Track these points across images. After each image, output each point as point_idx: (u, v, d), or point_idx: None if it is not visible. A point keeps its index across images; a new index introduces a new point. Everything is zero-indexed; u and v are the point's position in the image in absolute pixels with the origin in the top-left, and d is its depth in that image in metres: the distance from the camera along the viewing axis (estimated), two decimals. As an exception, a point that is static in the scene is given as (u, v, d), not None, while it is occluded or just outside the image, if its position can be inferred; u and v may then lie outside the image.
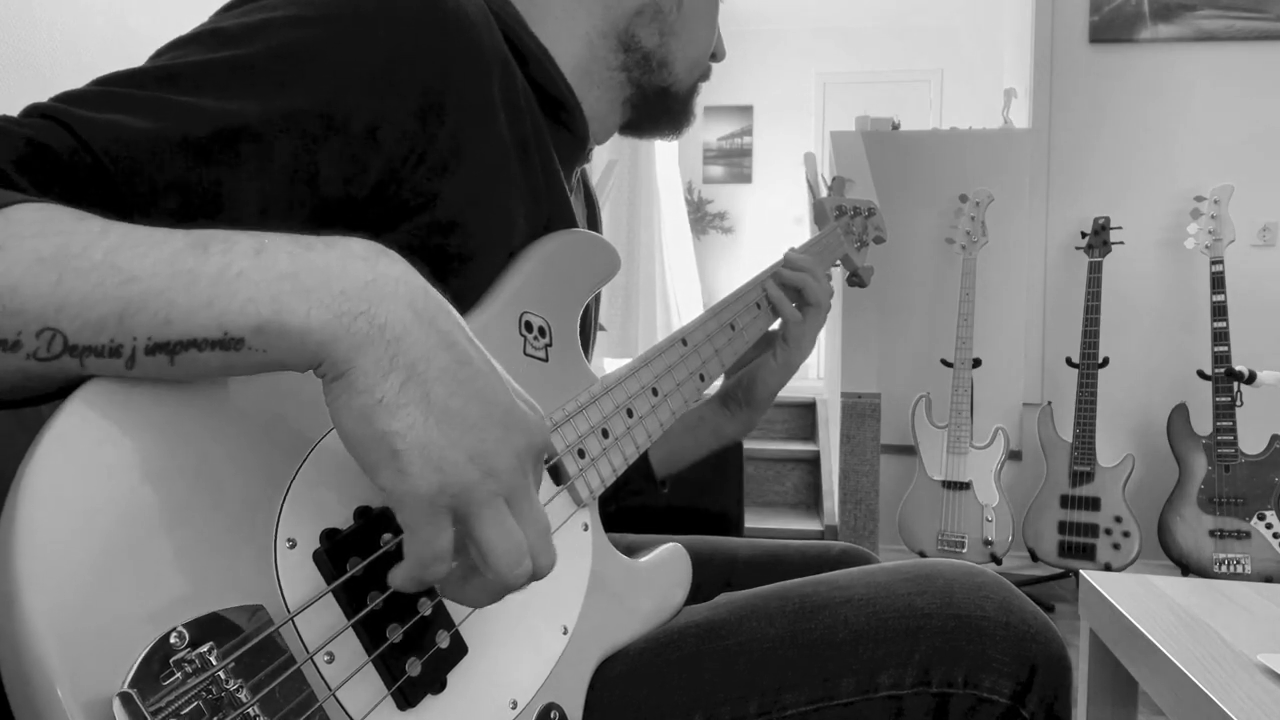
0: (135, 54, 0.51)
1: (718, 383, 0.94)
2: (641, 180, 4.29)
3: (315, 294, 0.38)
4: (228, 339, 0.37)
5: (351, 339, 0.38)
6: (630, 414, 0.68)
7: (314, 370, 0.39)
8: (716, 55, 0.81)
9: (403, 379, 0.39)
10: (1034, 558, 2.73)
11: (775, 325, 0.93)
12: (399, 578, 0.42)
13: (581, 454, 0.62)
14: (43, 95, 0.46)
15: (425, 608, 0.47)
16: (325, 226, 0.52)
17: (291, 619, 0.41)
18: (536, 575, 0.44)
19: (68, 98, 0.46)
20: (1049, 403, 2.81)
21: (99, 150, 0.44)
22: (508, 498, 0.42)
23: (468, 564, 0.43)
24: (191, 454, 0.39)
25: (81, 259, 0.37)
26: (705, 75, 0.81)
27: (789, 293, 0.90)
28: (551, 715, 0.55)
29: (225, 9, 0.55)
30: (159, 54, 0.51)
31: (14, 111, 0.46)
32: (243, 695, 0.37)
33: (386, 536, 0.46)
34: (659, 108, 0.78)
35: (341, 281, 0.39)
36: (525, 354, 0.61)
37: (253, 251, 0.39)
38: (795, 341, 0.89)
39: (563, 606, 0.59)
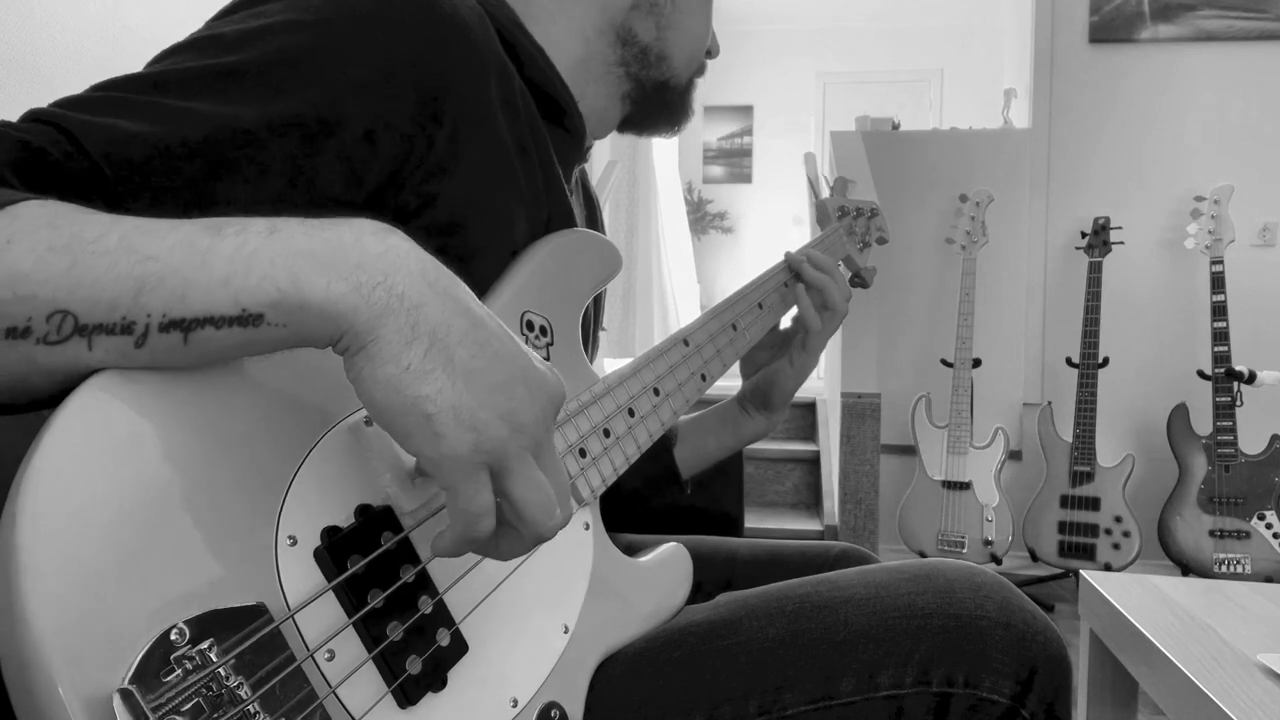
0: (135, 52, 0.51)
1: (720, 383, 0.94)
2: (641, 180, 4.29)
3: (333, 267, 0.39)
4: (245, 315, 0.37)
5: (372, 309, 0.39)
6: (631, 414, 0.68)
7: (334, 345, 0.40)
8: (711, 51, 0.82)
9: (426, 345, 0.39)
10: (1034, 558, 2.73)
11: (785, 324, 0.92)
12: (448, 540, 0.43)
13: (583, 453, 0.62)
14: (43, 95, 0.46)
15: (426, 606, 0.48)
16: None
17: (292, 616, 0.41)
18: (561, 525, 0.45)
19: (66, 103, 0.46)
20: (1049, 403, 2.81)
21: (95, 154, 0.44)
22: (534, 452, 0.43)
23: (500, 519, 0.44)
24: (193, 450, 0.39)
25: (97, 244, 0.37)
26: (701, 71, 0.81)
27: (812, 295, 0.89)
28: (552, 714, 0.55)
29: (223, 14, 0.55)
30: (157, 60, 0.51)
31: (14, 111, 0.46)
32: (243, 692, 0.37)
33: (387, 534, 0.46)
34: (657, 102, 0.79)
35: (356, 254, 0.39)
36: (526, 353, 0.61)
37: (266, 231, 0.39)
38: (814, 349, 0.89)
39: (563, 605, 0.59)
